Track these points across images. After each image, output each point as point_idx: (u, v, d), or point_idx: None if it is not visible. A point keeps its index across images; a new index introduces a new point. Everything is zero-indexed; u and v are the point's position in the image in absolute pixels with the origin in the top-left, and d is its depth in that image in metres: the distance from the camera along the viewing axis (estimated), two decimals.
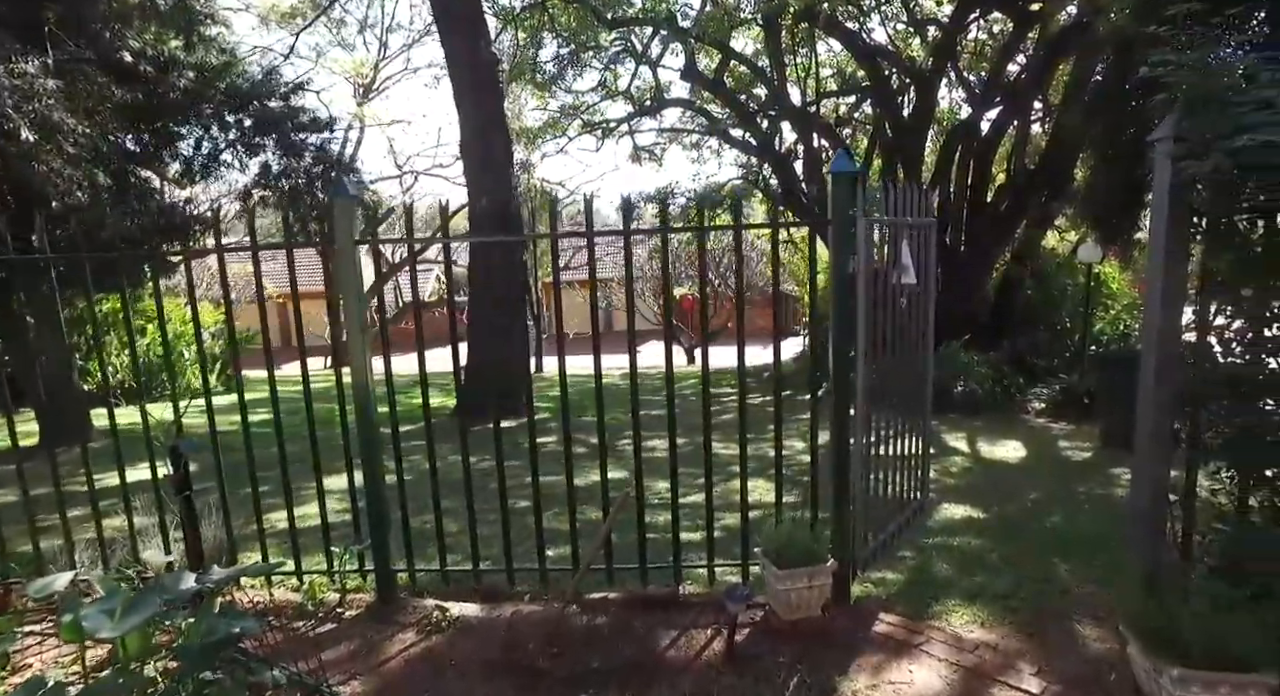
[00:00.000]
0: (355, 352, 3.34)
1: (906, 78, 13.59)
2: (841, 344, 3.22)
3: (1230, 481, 2.25)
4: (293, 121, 7.76)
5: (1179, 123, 2.16)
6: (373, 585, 3.61)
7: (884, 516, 3.91)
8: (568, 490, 3.73)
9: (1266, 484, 2.17)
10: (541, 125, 18.34)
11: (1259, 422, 2.15)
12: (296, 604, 3.48)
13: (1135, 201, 6.27)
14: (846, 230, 3.13)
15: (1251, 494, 2.24)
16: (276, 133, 7.82)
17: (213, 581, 2.23)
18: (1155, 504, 2.35)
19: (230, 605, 2.78)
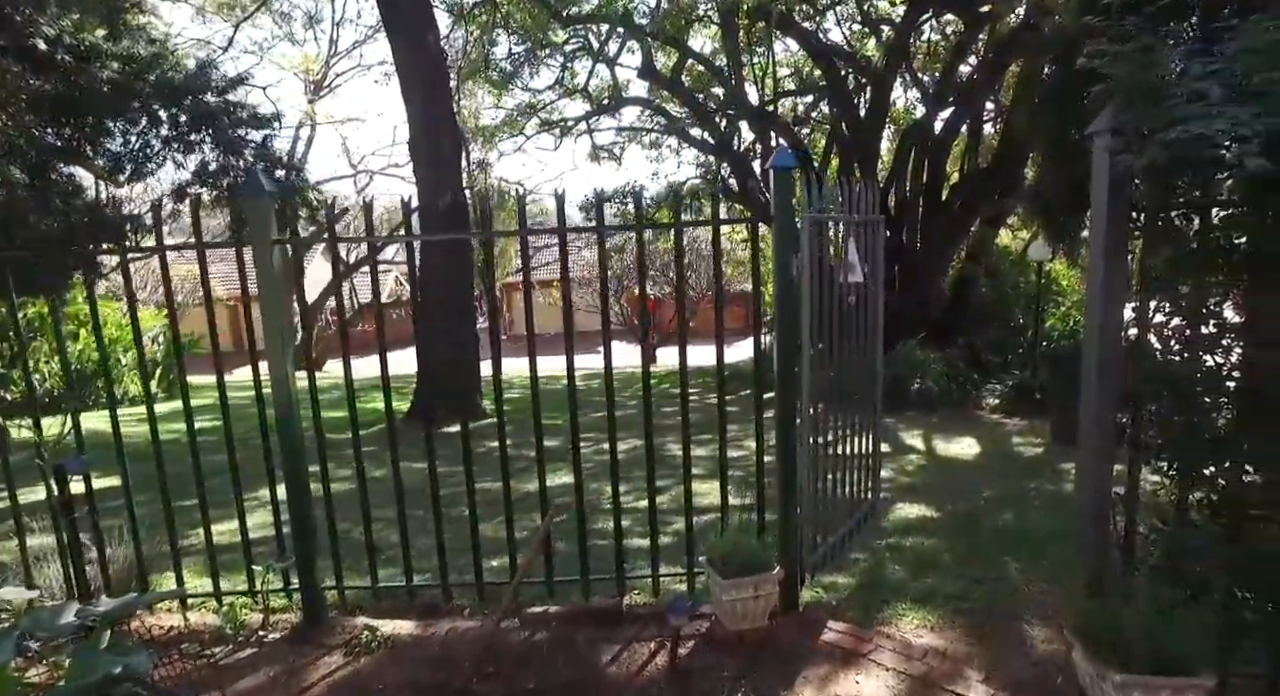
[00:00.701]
0: (274, 358, 3.14)
1: (862, 77, 13.69)
2: (786, 343, 3.13)
3: (1171, 481, 2.21)
4: (231, 117, 7.39)
5: (1116, 115, 2.11)
6: (301, 604, 3.41)
7: (835, 519, 3.84)
8: (504, 497, 3.57)
9: (1206, 482, 2.13)
10: (499, 124, 18.06)
11: (1197, 421, 2.11)
12: (215, 628, 3.25)
13: (1082, 199, 6.34)
14: (789, 226, 3.04)
15: (1190, 492, 2.20)
16: (214, 128, 7.45)
17: (97, 614, 2.03)
18: (1099, 505, 2.30)
19: (124, 637, 2.57)
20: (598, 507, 5.45)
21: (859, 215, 3.69)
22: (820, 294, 3.32)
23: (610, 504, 3.45)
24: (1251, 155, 1.68)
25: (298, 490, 3.25)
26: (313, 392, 3.40)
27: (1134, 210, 2.21)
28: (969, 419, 8.63)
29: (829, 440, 3.66)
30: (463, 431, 3.63)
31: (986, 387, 9.54)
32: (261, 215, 3.04)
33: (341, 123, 22.10)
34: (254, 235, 3.06)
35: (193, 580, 3.77)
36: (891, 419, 8.50)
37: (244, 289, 3.31)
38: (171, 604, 3.45)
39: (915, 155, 12.12)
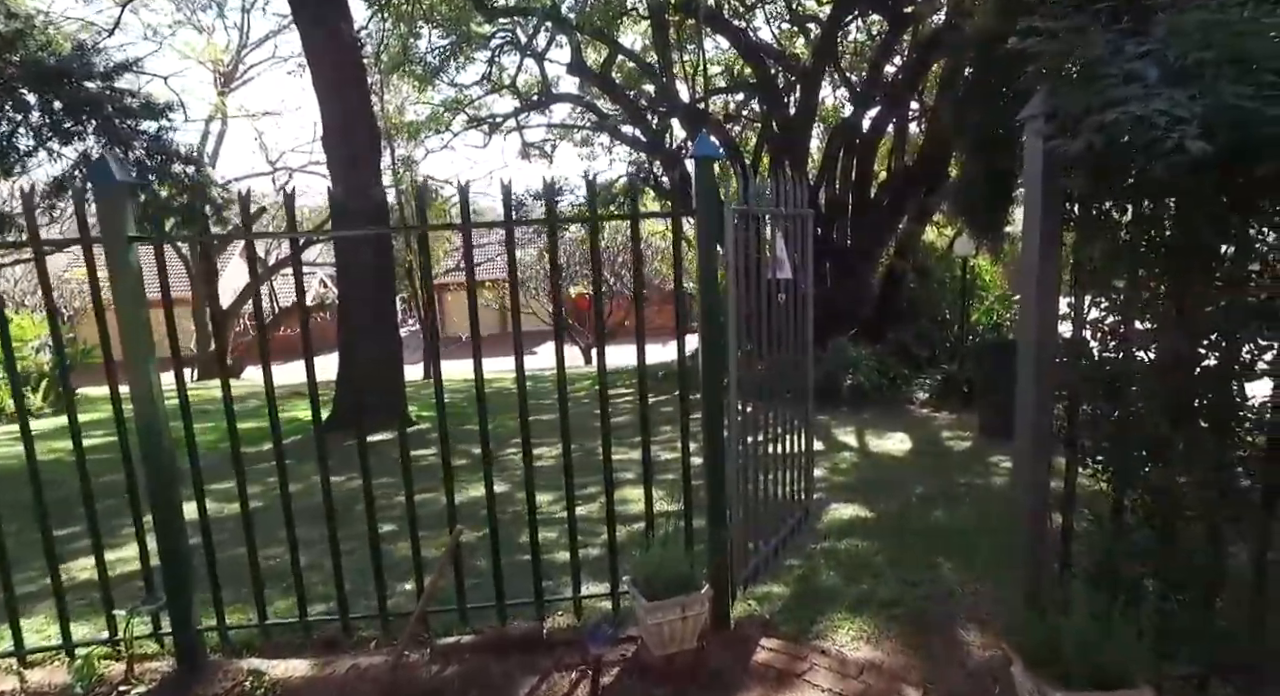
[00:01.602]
0: (135, 372, 2.74)
1: (791, 76, 13.75)
2: (711, 342, 2.93)
3: (1107, 483, 2.11)
4: (116, 105, 6.79)
5: (1049, 98, 1.99)
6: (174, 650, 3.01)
7: (769, 525, 3.68)
8: (409, 515, 3.25)
9: (1140, 484, 2.03)
10: (424, 120, 17.44)
11: (1132, 420, 2.01)
12: (62, 688, 2.81)
13: (1003, 195, 6.41)
14: (712, 219, 2.84)
15: (1125, 495, 2.10)
16: (97, 117, 6.82)
17: None
18: (1036, 510, 2.18)
19: None
20: (525, 518, 5.16)
21: (787, 209, 3.53)
22: (747, 290, 3.14)
23: (544, 514, 3.19)
24: (1191, 137, 1.56)
25: (168, 519, 2.86)
26: (227, 401, 3.01)
27: (1068, 200, 2.09)
28: (900, 414, 8.69)
29: (760, 442, 3.49)
30: (401, 440, 3.33)
31: (916, 382, 9.66)
32: (114, 209, 2.64)
33: (254, 117, 20.88)
34: (105, 232, 2.66)
35: (43, 629, 3.31)
36: (825, 416, 8.48)
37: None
38: (8, 662, 2.99)
39: (844, 154, 12.24)
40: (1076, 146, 1.75)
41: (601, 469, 3.29)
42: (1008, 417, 6.81)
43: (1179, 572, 2.13)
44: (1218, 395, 1.90)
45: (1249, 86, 1.67)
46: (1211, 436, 1.92)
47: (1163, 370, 1.91)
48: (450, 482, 3.25)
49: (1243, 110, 1.63)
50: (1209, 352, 1.93)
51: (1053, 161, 1.99)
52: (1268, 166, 1.66)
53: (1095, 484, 2.19)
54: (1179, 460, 1.96)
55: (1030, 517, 2.17)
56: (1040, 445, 2.13)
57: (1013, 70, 5.87)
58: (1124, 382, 1.98)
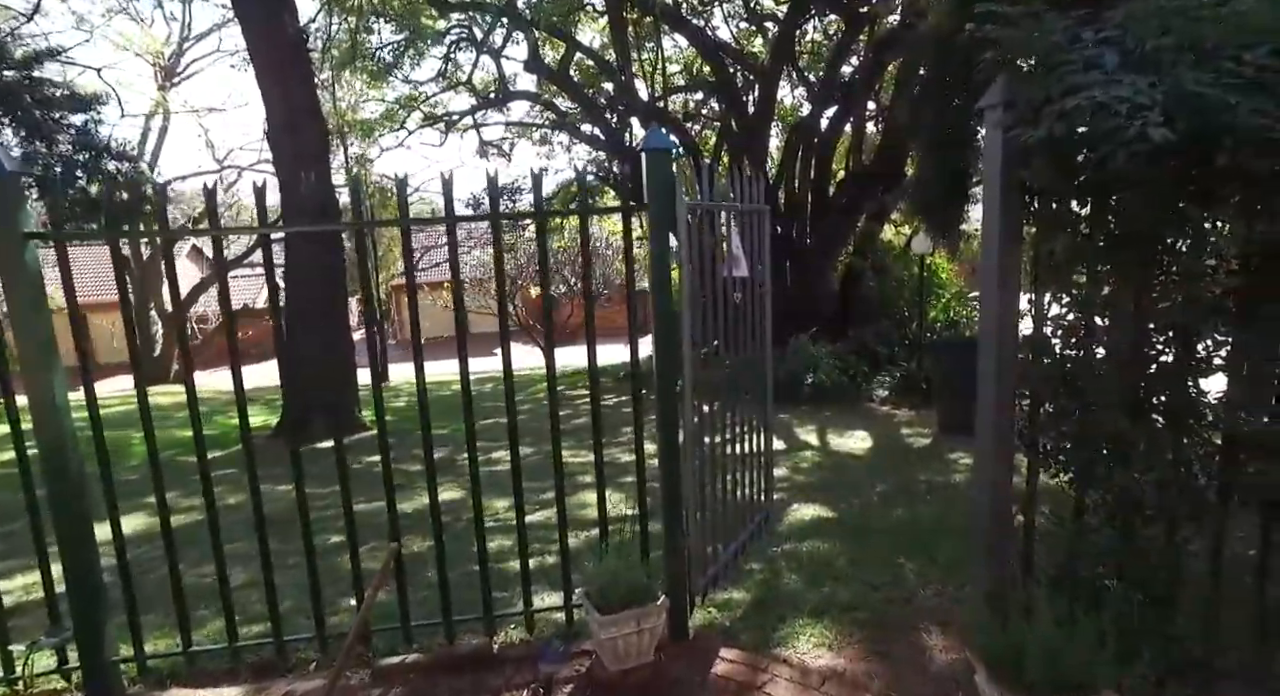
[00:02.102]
0: (34, 380, 2.51)
1: (750, 75, 13.76)
2: (665, 342, 2.81)
3: (1069, 484, 2.05)
4: (36, 96, 6.39)
5: (1009, 86, 1.91)
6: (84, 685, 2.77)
7: (729, 529, 3.58)
8: (348, 529, 3.06)
9: (1101, 484, 1.97)
10: (378, 117, 17.02)
11: (1093, 419, 1.95)
12: None
13: (959, 193, 6.44)
14: (665, 215, 2.72)
15: (1087, 495, 2.04)
16: (17, 109, 6.41)
17: None
18: (998, 514, 2.11)
19: None
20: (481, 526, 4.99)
21: (743, 204, 3.43)
22: (703, 287, 3.03)
23: (494, 522, 3.03)
24: (1154, 125, 1.49)
25: (76, 540, 2.63)
26: (143, 409, 2.78)
27: (1028, 193, 2.03)
28: (861, 411, 8.71)
29: (719, 443, 3.39)
30: (337, 448, 3.12)
31: (876, 380, 9.70)
32: (4, 202, 2.41)
33: (198, 113, 20.07)
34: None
35: None
36: (787, 414, 8.46)
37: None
38: None
39: (803, 153, 12.27)
40: (1037, 135, 1.67)
41: (563, 471, 3.14)
42: (966, 414, 6.85)
43: (1140, 573, 2.08)
44: (1175, 392, 1.85)
45: (1209, 73, 1.61)
46: (1170, 434, 1.87)
47: (1122, 367, 1.85)
48: (391, 491, 3.07)
49: (1203, 98, 1.57)
50: (1166, 349, 1.88)
51: (1012, 152, 1.92)
52: (1227, 156, 1.61)
53: (1057, 483, 2.13)
54: (1140, 459, 1.90)
55: (992, 519, 2.10)
56: (1001, 445, 2.06)
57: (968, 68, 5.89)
58: (1085, 380, 1.92)
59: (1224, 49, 1.66)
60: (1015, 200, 1.98)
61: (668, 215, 2.71)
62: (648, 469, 3.13)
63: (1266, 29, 1.63)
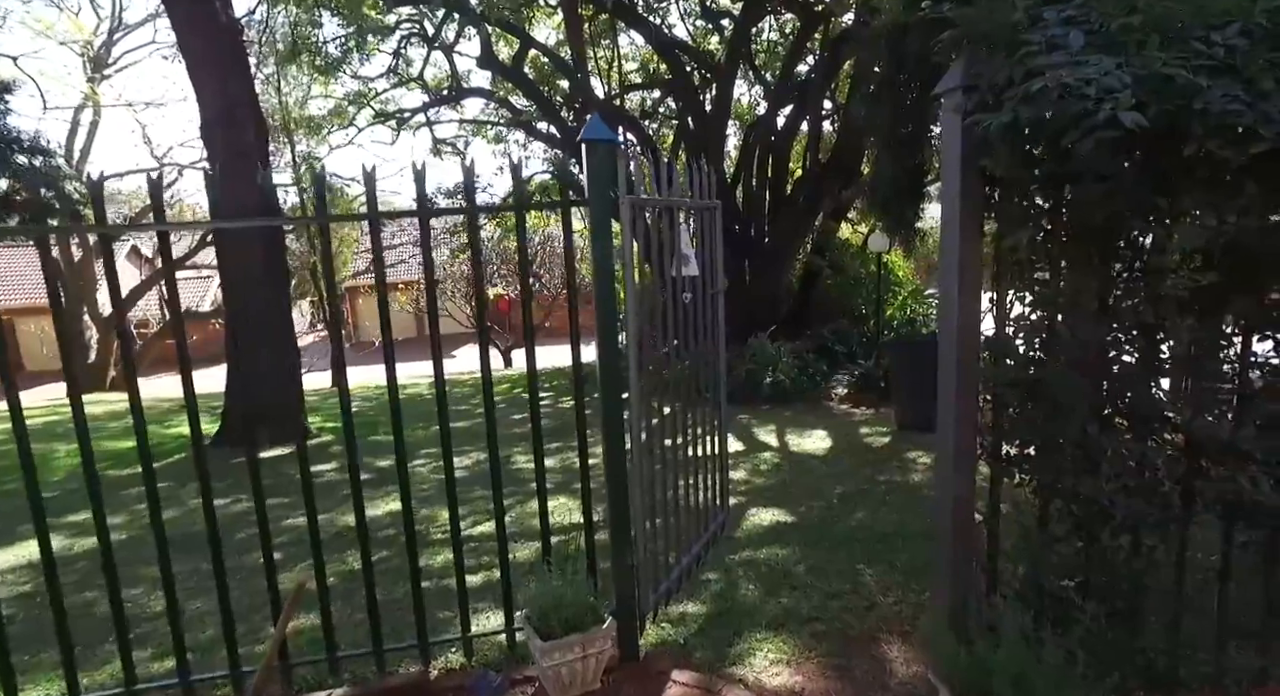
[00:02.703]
0: None
1: (706, 73, 13.66)
2: (608, 343, 2.63)
3: (1033, 493, 1.93)
4: None
5: (969, 69, 1.78)
6: None
7: (682, 539, 3.41)
8: (264, 551, 2.82)
9: (1068, 493, 1.85)
10: (326, 113, 16.48)
11: (1059, 426, 1.83)
12: None
13: (916, 191, 6.41)
14: (605, 210, 2.54)
15: (1052, 504, 1.93)
16: None
17: None
18: (961, 528, 1.98)
19: None
20: (428, 539, 4.75)
21: (693, 200, 3.27)
22: (658, 287, 2.86)
23: (443, 534, 2.81)
24: (1125, 108, 1.36)
25: None
26: (78, 421, 2.49)
27: (990, 185, 1.90)
28: (820, 410, 8.65)
29: (671, 448, 3.23)
30: (251, 464, 2.82)
31: (835, 378, 9.69)
32: None
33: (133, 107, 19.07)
34: None
35: None
36: (746, 415, 8.37)
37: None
38: None
39: (760, 152, 12.23)
40: (1000, 121, 1.54)
41: (516, 477, 2.94)
42: (923, 412, 6.79)
43: (1107, 585, 1.98)
44: (1139, 394, 1.74)
45: (1178, 55, 1.49)
46: (1137, 439, 1.76)
47: (1085, 369, 1.73)
48: (312, 507, 2.82)
49: (1173, 81, 1.45)
50: (1132, 349, 1.77)
51: (973, 140, 1.79)
52: (1195, 144, 1.49)
53: (1022, 493, 2.02)
54: (1107, 466, 1.79)
55: (955, 533, 1.97)
56: (964, 453, 1.93)
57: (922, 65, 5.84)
58: (1050, 383, 1.80)
59: (1193, 29, 1.55)
60: (976, 192, 1.86)
61: (609, 211, 2.54)
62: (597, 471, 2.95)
63: (1236, 7, 1.52)
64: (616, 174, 2.54)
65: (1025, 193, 1.80)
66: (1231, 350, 1.70)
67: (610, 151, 2.53)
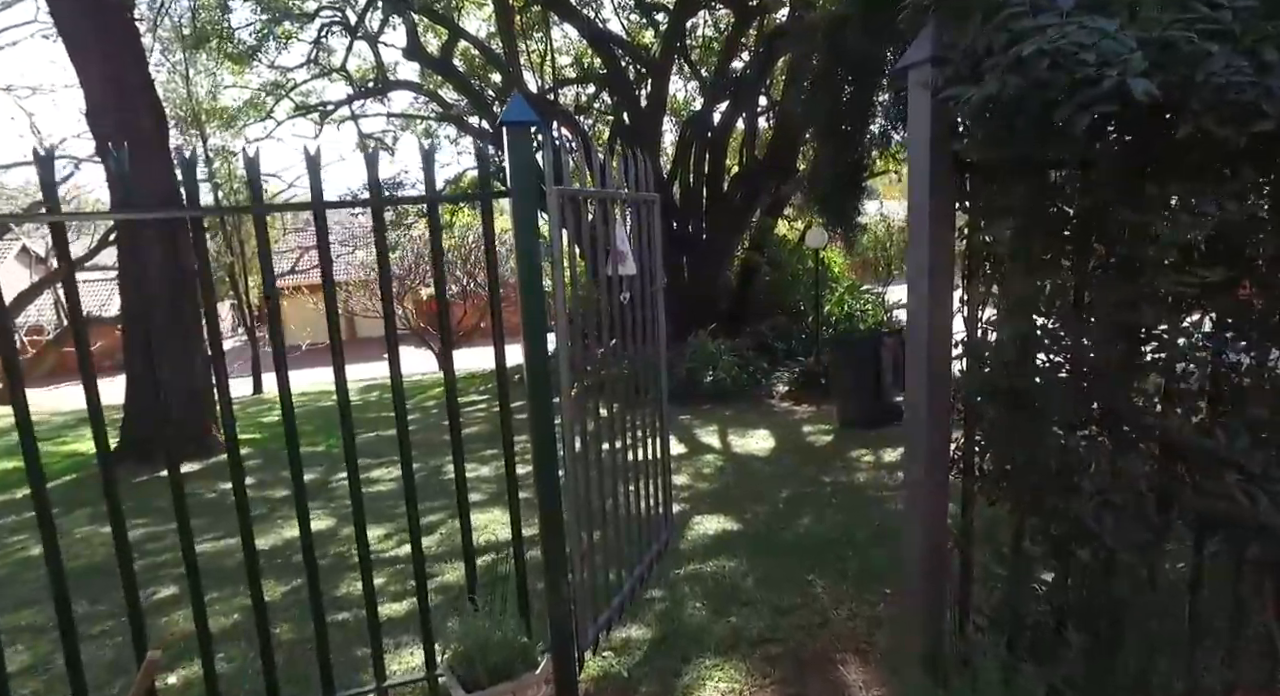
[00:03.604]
0: None
1: (641, 67, 13.45)
2: (535, 346, 2.35)
3: (1011, 512, 1.75)
4: None
5: (938, 38, 1.57)
6: None
7: (625, 557, 3.16)
8: (127, 598, 2.43)
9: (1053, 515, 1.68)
10: (241, 104, 15.51)
11: (1036, 438, 1.65)
12: None
13: (855, 184, 6.35)
14: (530, 202, 2.26)
15: (1029, 524, 1.75)
16: None
17: None
18: (933, 555, 1.78)
19: None
20: (349, 561, 4.33)
21: (629, 191, 3.01)
22: (597, 285, 2.59)
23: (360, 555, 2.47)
24: (1135, 74, 1.17)
25: None
26: None
27: (963, 169, 1.69)
28: (761, 409, 8.54)
29: (609, 455, 2.97)
30: (106, 490, 2.40)
31: (775, 376, 9.61)
32: None
33: (11, 92, 17.37)
34: None
35: None
36: (687, 415, 8.19)
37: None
38: None
39: (697, 148, 12.09)
40: (984, 91, 1.33)
41: (448, 489, 2.63)
42: (865, 409, 6.72)
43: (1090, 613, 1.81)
44: (1123, 402, 1.58)
45: (1178, 18, 1.31)
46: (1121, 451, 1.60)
47: (1068, 374, 1.56)
48: (187, 536, 2.45)
49: (1176, 48, 1.27)
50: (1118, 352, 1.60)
51: (945, 120, 1.59)
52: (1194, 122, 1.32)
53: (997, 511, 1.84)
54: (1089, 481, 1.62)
55: (927, 562, 1.77)
56: (936, 471, 1.73)
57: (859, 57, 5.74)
58: (1032, 392, 1.62)
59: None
60: (947, 179, 1.65)
61: (534, 202, 2.25)
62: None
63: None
64: (541, 161, 2.26)
65: (1006, 179, 1.61)
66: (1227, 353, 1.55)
67: (533, 135, 2.24)
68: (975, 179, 1.66)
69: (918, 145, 1.66)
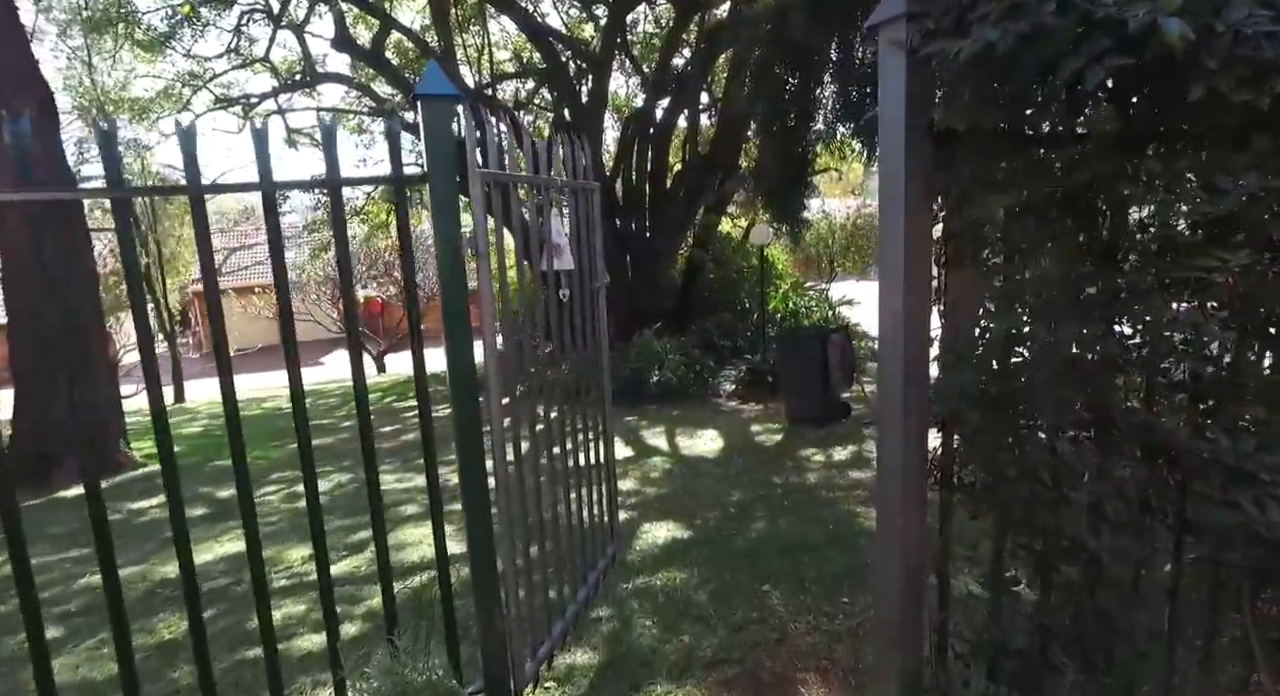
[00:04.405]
0: None
1: (582, 63, 13.17)
2: (457, 346, 2.08)
3: (994, 529, 1.57)
4: None
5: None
6: None
7: (566, 582, 2.91)
8: None
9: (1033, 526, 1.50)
10: (155, 95, 14.54)
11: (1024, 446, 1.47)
12: None
13: (801, 177, 6.24)
14: (450, 186, 1.98)
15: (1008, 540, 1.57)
16: None
17: None
18: (910, 579, 1.56)
19: None
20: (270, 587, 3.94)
21: (565, 179, 2.76)
22: (540, 278, 2.33)
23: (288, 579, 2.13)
24: (1168, 11, 0.98)
25: None
26: None
27: (940, 144, 1.49)
28: (709, 408, 8.39)
29: (548, 468, 2.71)
30: None
31: (722, 374, 9.49)
32: None
33: None
34: None
35: None
36: (634, 416, 7.98)
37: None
38: None
39: (639, 144, 11.90)
40: (974, 47, 1.12)
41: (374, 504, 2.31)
42: (813, 406, 6.59)
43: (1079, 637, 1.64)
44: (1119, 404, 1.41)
45: None
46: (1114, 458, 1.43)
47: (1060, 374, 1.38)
48: (114, 583, 2.08)
49: None
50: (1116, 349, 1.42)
51: (921, 84, 1.39)
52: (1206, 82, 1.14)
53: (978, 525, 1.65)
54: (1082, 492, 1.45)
55: (903, 585, 1.57)
56: (913, 486, 1.53)
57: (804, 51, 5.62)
58: (1019, 393, 1.43)
59: None
60: (924, 152, 1.45)
61: (453, 187, 1.98)
62: None
63: None
64: (464, 140, 1.99)
65: (993, 152, 1.41)
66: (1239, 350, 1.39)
67: (452, 110, 1.97)
68: (957, 153, 1.46)
69: (890, 114, 1.45)
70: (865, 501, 4.67)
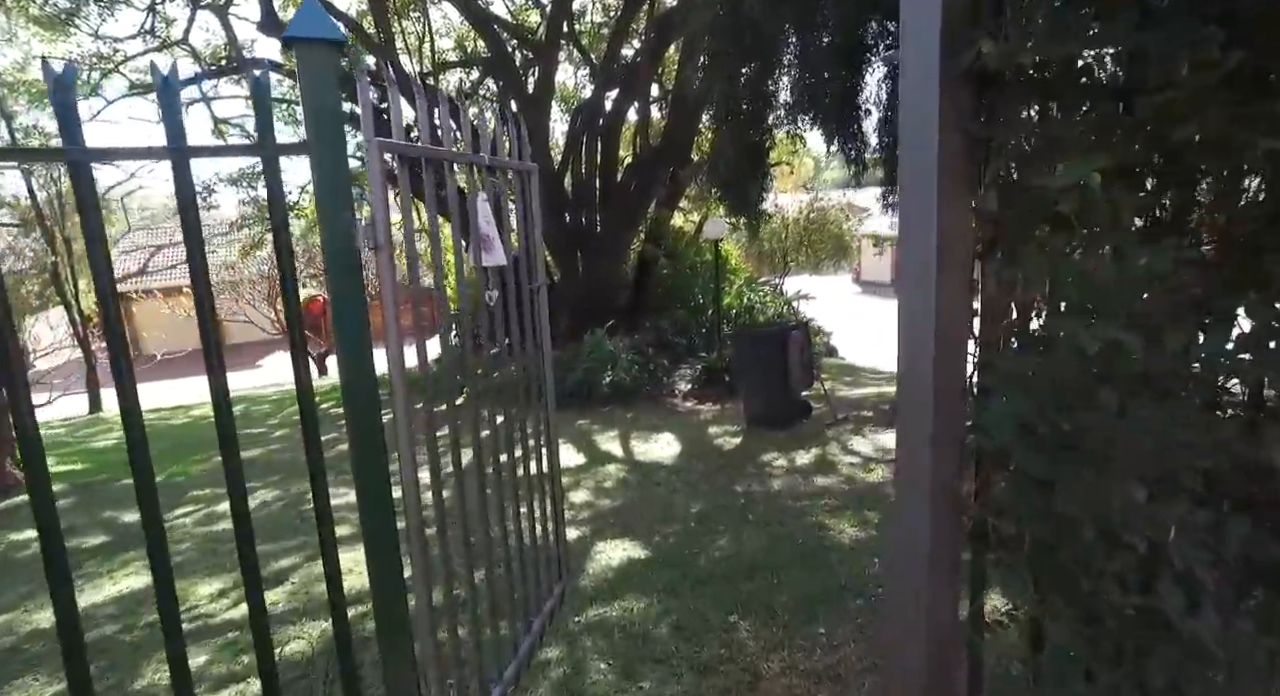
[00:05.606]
0: None
1: (528, 53, 12.66)
2: (349, 350, 1.65)
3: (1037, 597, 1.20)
4: None
5: None
6: None
7: (500, 640, 2.50)
8: None
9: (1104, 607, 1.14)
10: None
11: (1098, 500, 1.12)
12: None
13: (757, 167, 5.92)
14: (340, 156, 1.55)
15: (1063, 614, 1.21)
16: None
17: None
18: (939, 671, 1.17)
19: None
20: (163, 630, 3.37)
21: (495, 157, 2.34)
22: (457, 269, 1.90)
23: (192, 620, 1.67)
24: None
25: None
26: None
27: (984, 94, 1.10)
28: (664, 409, 8.03)
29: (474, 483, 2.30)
30: None
31: (677, 373, 9.15)
32: None
33: None
34: None
35: None
36: (585, 420, 7.57)
37: None
38: None
39: (588, 137, 11.47)
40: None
41: (309, 523, 1.85)
42: (771, 406, 6.26)
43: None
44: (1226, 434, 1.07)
45: None
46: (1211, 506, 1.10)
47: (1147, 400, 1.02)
48: None
49: None
50: None
51: (958, 10, 1.01)
52: None
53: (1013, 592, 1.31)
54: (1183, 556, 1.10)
55: (929, 674, 1.19)
56: (944, 548, 1.14)
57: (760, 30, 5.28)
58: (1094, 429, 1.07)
59: None
60: (963, 102, 1.06)
61: (343, 157, 1.55)
62: None
63: None
64: (351, 97, 1.55)
65: (1070, 98, 1.03)
66: None
67: (334, 59, 1.53)
68: (1011, 103, 1.08)
69: (917, 53, 1.06)
70: (833, 511, 4.37)
